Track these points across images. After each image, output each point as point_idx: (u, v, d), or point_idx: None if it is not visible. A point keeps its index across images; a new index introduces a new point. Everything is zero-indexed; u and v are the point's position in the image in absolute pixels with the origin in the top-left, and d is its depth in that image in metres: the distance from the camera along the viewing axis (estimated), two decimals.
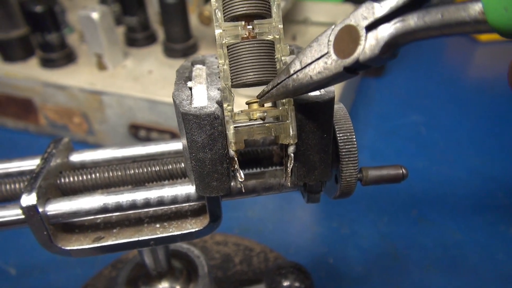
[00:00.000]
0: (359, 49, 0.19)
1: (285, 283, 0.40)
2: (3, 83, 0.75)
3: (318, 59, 0.21)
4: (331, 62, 0.20)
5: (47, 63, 0.74)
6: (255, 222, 0.61)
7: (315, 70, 0.21)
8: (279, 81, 0.23)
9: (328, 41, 0.20)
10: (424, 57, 1.08)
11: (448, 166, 0.71)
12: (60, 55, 0.73)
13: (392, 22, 0.18)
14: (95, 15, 0.67)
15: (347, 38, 0.19)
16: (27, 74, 0.73)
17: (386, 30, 0.18)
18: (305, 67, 0.21)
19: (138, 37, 0.79)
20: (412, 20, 0.17)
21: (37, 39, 0.72)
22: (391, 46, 0.18)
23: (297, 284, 0.40)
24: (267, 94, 0.24)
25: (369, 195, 0.65)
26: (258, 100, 0.25)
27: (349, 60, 0.19)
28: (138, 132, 0.71)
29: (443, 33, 0.17)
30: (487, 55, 1.09)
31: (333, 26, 0.20)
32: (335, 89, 0.26)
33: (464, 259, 0.55)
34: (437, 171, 0.70)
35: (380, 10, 0.18)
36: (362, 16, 0.19)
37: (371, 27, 0.18)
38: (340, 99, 0.68)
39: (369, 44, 0.18)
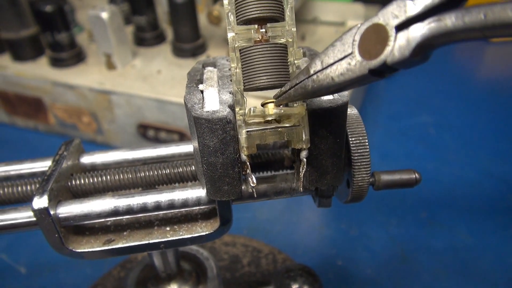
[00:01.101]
0: (387, 50, 0.17)
1: (294, 286, 0.39)
2: (13, 82, 0.75)
3: (341, 59, 0.19)
4: (355, 64, 0.18)
5: (56, 63, 0.74)
6: (263, 223, 0.61)
7: (337, 72, 0.19)
8: (297, 82, 0.22)
9: (353, 40, 0.19)
10: (434, 57, 1.06)
11: (459, 168, 0.70)
12: (69, 55, 0.74)
13: (426, 21, 0.16)
14: (104, 15, 0.67)
15: (374, 38, 0.18)
16: (37, 73, 0.73)
17: (419, 31, 0.16)
18: (326, 67, 0.20)
19: (147, 37, 0.79)
20: (450, 20, 0.16)
21: (46, 39, 0.72)
22: (424, 48, 0.16)
23: (306, 287, 0.39)
24: (284, 94, 0.23)
25: (378, 197, 0.64)
26: (273, 100, 0.24)
27: (375, 62, 0.17)
28: (147, 132, 0.71)
29: (485, 35, 0.16)
30: (498, 55, 1.08)
31: (358, 25, 0.19)
32: None
33: (475, 262, 0.54)
34: (447, 173, 0.69)
35: (413, 8, 0.16)
36: (392, 15, 0.17)
37: (401, 26, 0.17)
38: (350, 100, 0.67)
39: (399, 45, 0.17)
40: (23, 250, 0.58)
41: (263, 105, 0.24)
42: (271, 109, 0.23)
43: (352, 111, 0.30)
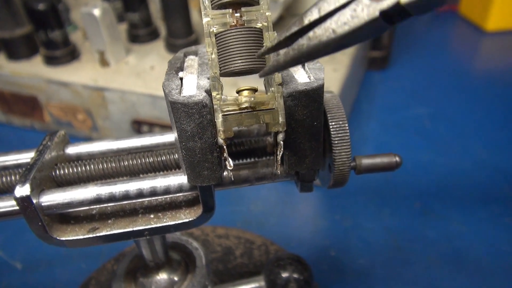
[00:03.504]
0: None
1: (284, 275, 0.40)
2: (8, 81, 0.76)
3: (344, 6, 0.16)
4: (362, 8, 0.16)
5: (51, 61, 0.74)
6: (257, 216, 0.61)
7: (340, 21, 0.16)
8: (288, 34, 0.18)
9: None
10: (429, 49, 1.07)
11: (454, 158, 0.70)
12: (63, 53, 0.74)
13: None
14: (96, 12, 0.68)
15: None
16: (32, 71, 0.74)
17: None
18: (325, 18, 0.17)
19: (140, 33, 0.80)
20: None
21: (40, 37, 0.73)
22: None
23: (295, 275, 0.39)
24: (272, 64, 0.19)
25: (372, 188, 0.64)
26: (248, 88, 0.25)
27: (388, 2, 0.15)
28: (141, 128, 0.71)
29: None
30: (494, 46, 1.07)
31: None
32: (337, 82, 0.26)
33: (468, 251, 0.54)
34: (442, 163, 0.69)
35: None
36: None
37: None
38: (343, 92, 0.67)
39: None
40: (19, 246, 0.59)
41: (238, 92, 0.25)
42: (244, 96, 0.23)
43: (332, 96, 0.30)
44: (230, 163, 0.24)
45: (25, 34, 0.77)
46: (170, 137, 0.34)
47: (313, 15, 0.17)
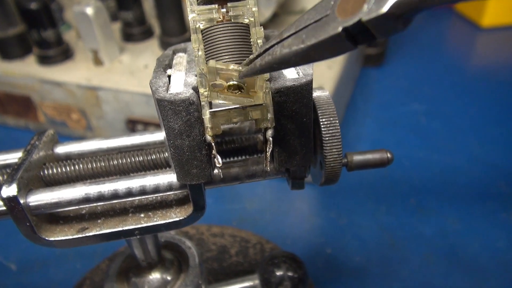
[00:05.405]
0: (364, 8, 0.15)
1: (278, 273, 0.39)
2: (1, 81, 0.75)
3: (316, 21, 0.17)
4: (329, 24, 0.17)
5: (44, 60, 0.74)
6: (252, 214, 0.61)
7: (309, 33, 0.17)
8: (267, 47, 0.19)
9: (333, 2, 0.17)
10: (425, 45, 1.07)
11: (449, 155, 0.70)
12: (56, 52, 0.74)
13: None
14: (89, 11, 0.67)
15: None
16: (25, 71, 0.73)
17: None
18: (299, 30, 0.18)
19: (134, 32, 0.79)
20: None
21: (33, 37, 0.72)
22: (404, 8, 0.15)
23: (290, 273, 0.39)
24: (250, 66, 0.20)
25: (368, 185, 0.64)
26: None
27: (350, 21, 0.16)
28: (136, 127, 0.71)
29: None
30: (489, 42, 1.07)
31: None
32: (331, 79, 0.25)
33: (464, 247, 0.54)
34: (437, 160, 0.69)
35: None
36: None
37: None
38: (338, 89, 0.67)
39: (377, 2, 0.15)
40: (13, 247, 0.59)
41: None
42: (233, 65, 0.22)
43: (323, 93, 0.29)
44: (218, 160, 0.24)
45: (18, 33, 0.76)
46: (160, 135, 0.34)
47: (291, 30, 0.18)
